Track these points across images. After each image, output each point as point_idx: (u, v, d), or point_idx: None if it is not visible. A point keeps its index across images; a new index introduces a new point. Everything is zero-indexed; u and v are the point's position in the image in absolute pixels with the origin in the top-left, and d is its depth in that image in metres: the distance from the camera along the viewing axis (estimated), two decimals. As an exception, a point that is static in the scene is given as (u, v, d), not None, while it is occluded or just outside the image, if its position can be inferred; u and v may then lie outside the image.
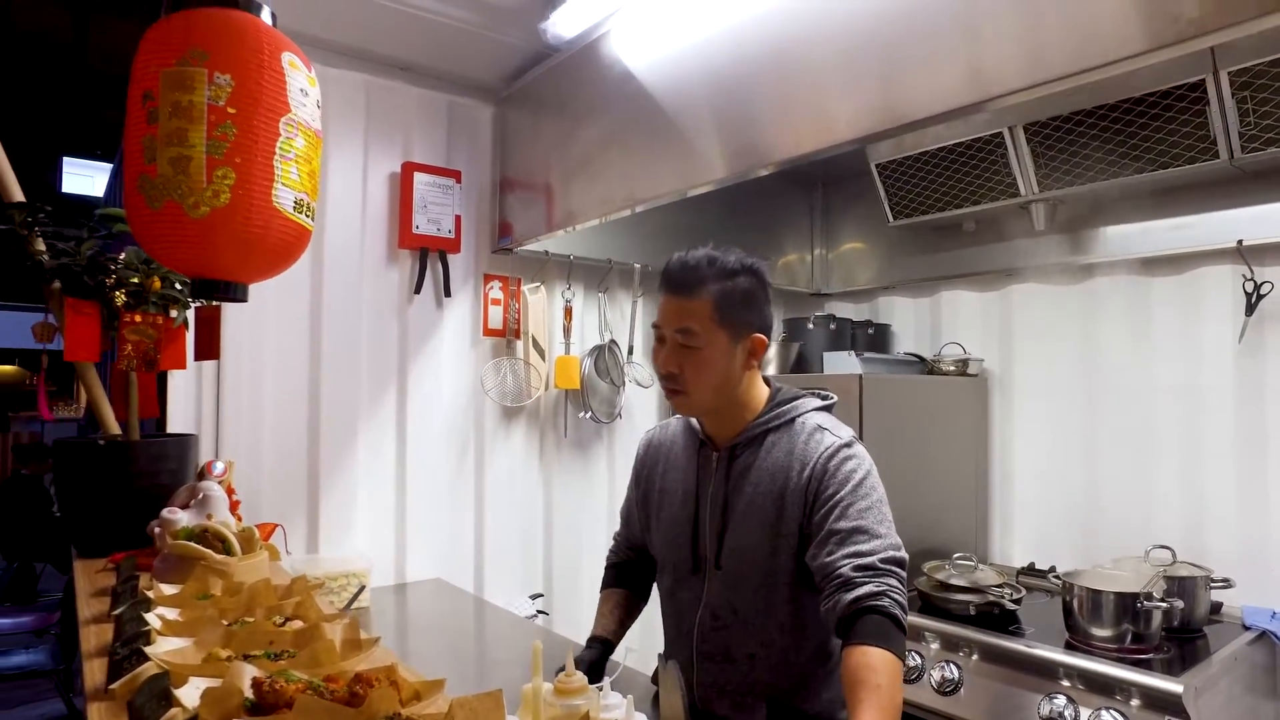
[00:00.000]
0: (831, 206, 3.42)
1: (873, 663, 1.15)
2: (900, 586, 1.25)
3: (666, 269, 1.40)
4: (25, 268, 1.66)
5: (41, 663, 3.51)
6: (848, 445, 1.36)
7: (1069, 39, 1.21)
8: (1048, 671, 1.84)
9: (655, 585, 1.62)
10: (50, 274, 1.63)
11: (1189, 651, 1.89)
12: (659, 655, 1.09)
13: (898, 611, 1.21)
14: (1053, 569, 2.43)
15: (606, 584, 1.68)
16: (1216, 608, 2.15)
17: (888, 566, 1.25)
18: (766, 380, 1.49)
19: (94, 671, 0.92)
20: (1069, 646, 1.89)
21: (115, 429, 1.75)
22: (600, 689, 0.98)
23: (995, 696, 1.92)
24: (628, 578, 1.67)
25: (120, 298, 1.62)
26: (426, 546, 2.56)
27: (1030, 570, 2.49)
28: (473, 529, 2.68)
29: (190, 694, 0.73)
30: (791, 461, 1.36)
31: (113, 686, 0.83)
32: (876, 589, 1.21)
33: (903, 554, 1.29)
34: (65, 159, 8.76)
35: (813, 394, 1.49)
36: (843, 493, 1.30)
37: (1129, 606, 1.85)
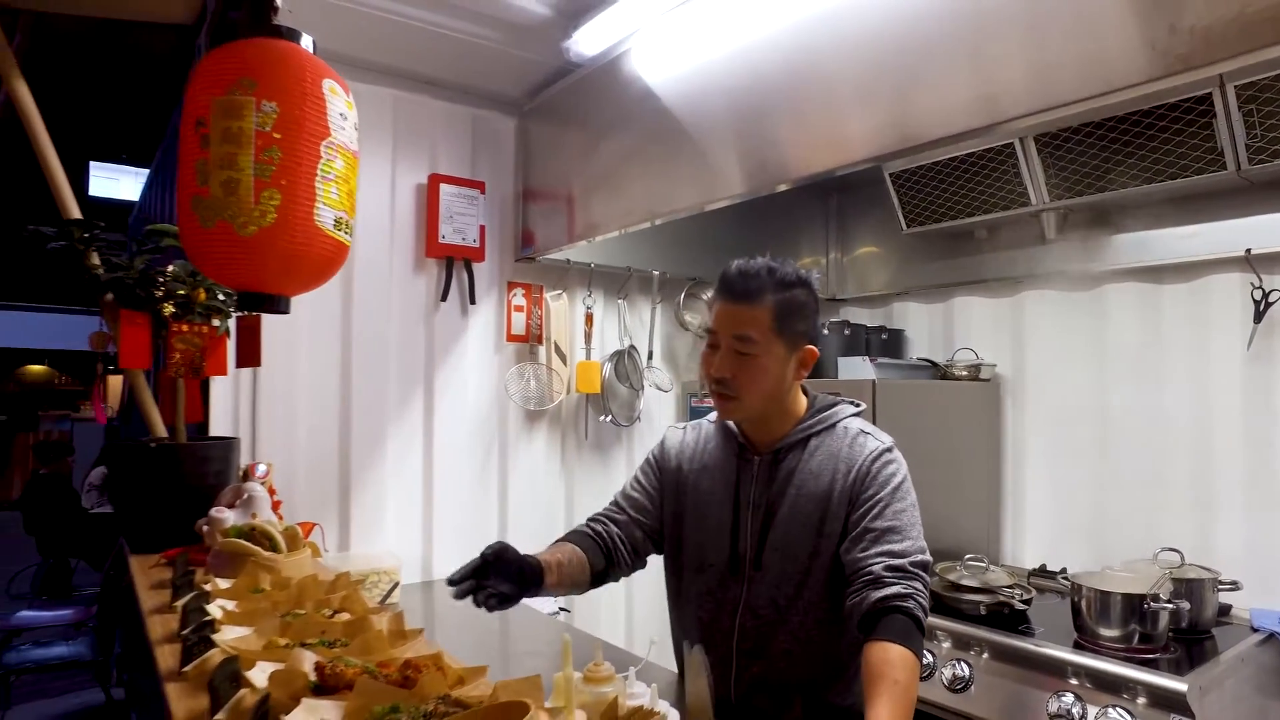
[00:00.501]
0: (846, 213, 3.47)
1: (893, 659, 1.21)
2: (925, 591, 1.31)
3: (725, 276, 1.43)
4: (80, 278, 1.76)
5: (81, 654, 3.63)
6: (889, 450, 1.43)
7: (1076, 65, 1.26)
8: (1056, 670, 1.88)
9: (673, 584, 1.63)
10: (105, 286, 1.72)
11: (1196, 652, 1.93)
12: (684, 642, 1.14)
13: (920, 614, 1.27)
14: (1063, 570, 2.47)
15: (569, 538, 1.54)
16: (1225, 610, 2.18)
17: (916, 570, 1.31)
18: (804, 390, 1.54)
19: (165, 656, 1.00)
20: (1077, 646, 1.94)
21: (163, 432, 1.84)
22: (626, 678, 1.06)
23: (1005, 694, 1.97)
24: (597, 549, 1.53)
25: (168, 309, 1.71)
26: (452, 545, 2.64)
27: (1041, 572, 2.54)
28: (496, 528, 2.77)
29: (258, 676, 0.81)
30: (837, 463, 1.42)
31: (185, 669, 0.92)
32: (904, 590, 1.28)
33: (929, 559, 1.36)
34: (92, 164, 8.97)
35: (845, 400, 1.55)
36: (883, 493, 1.37)
37: (1136, 607, 1.89)
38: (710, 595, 1.53)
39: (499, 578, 1.27)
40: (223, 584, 1.19)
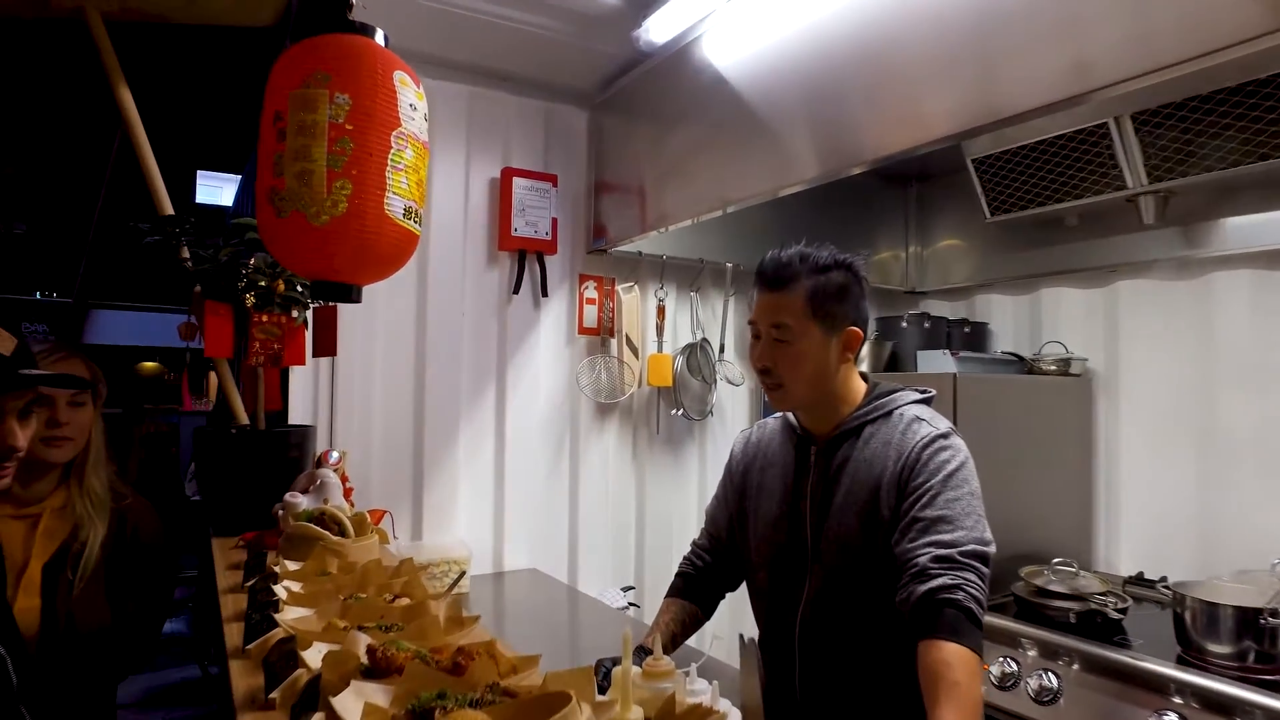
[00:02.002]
0: (926, 203, 3.35)
1: (948, 658, 1.14)
2: (979, 582, 1.22)
3: (760, 266, 1.42)
4: (175, 273, 1.84)
5: (180, 631, 3.83)
6: (944, 436, 1.36)
7: (1179, 23, 1.16)
8: (1158, 687, 1.76)
9: (746, 583, 1.62)
10: (193, 278, 1.79)
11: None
12: (739, 635, 1.09)
13: (973, 606, 1.18)
14: (1163, 579, 2.32)
15: (672, 592, 1.67)
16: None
17: (967, 560, 1.22)
18: (864, 376, 1.49)
19: (232, 634, 1.03)
20: (1181, 662, 1.80)
21: (245, 420, 1.90)
22: (687, 674, 1.03)
23: (1098, 709, 1.85)
24: (696, 589, 1.65)
25: (250, 300, 1.77)
26: (523, 537, 2.66)
27: (1139, 580, 2.39)
28: (567, 521, 2.78)
29: (313, 656, 0.81)
30: (888, 451, 1.36)
31: (249, 647, 0.93)
32: (952, 581, 1.19)
33: (988, 549, 1.26)
34: (200, 173, 9.50)
35: (911, 388, 1.49)
36: (933, 481, 1.30)
37: (1251, 622, 1.74)
38: (772, 591, 1.51)
39: None
40: (291, 566, 1.21)
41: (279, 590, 1.05)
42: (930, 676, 1.13)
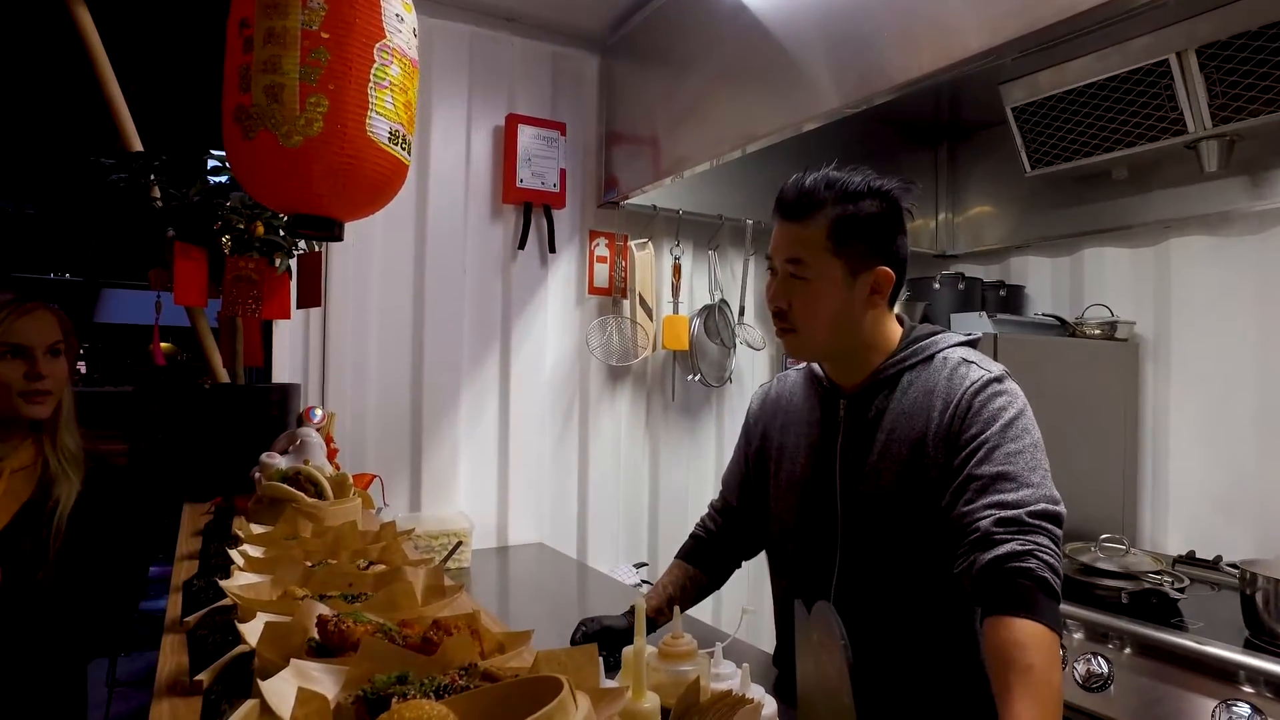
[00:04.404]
0: (958, 162, 3.15)
1: (1020, 639, 0.97)
2: (1053, 547, 1.04)
3: (781, 192, 1.25)
4: (144, 215, 1.68)
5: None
6: (998, 380, 1.18)
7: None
8: (1225, 674, 1.59)
9: (767, 555, 1.47)
10: (163, 219, 1.64)
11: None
12: (796, 601, 0.91)
13: (1048, 575, 1.01)
14: (1218, 558, 2.15)
15: (681, 554, 1.56)
16: None
17: (1037, 522, 1.05)
18: (900, 320, 1.32)
19: (174, 604, 0.88)
20: (1250, 647, 1.63)
21: (225, 377, 1.76)
22: (711, 655, 0.86)
23: (1155, 697, 1.69)
24: (705, 555, 1.54)
25: (226, 243, 1.62)
26: (529, 510, 2.51)
27: (1190, 559, 2.21)
28: (576, 493, 2.62)
29: (255, 629, 0.66)
30: (932, 400, 1.19)
31: (186, 620, 0.78)
32: (1021, 547, 1.02)
33: (1059, 508, 1.09)
34: (212, 151, 9.39)
35: (952, 332, 1.31)
36: (989, 432, 1.12)
37: (1330, 604, 1.58)
38: (796, 566, 1.34)
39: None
40: (257, 530, 1.06)
41: (234, 555, 0.89)
42: (1000, 659, 0.96)
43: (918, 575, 1.19)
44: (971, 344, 1.29)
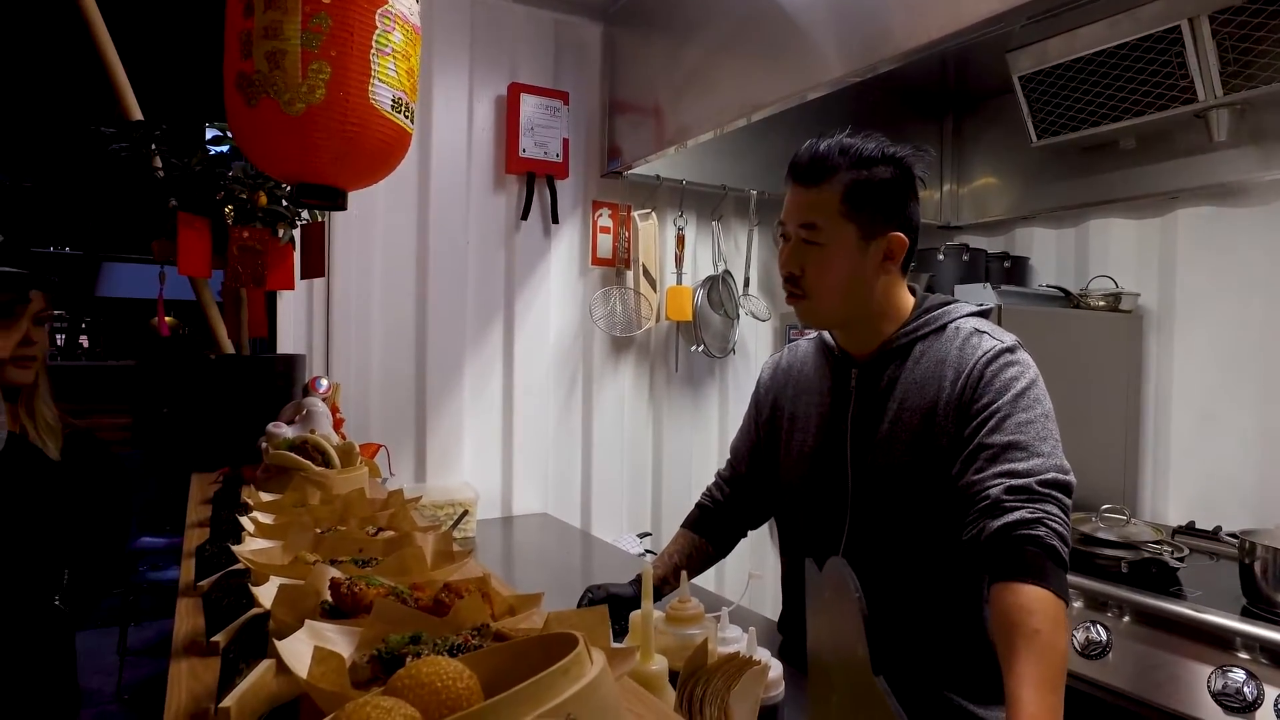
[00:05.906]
0: (964, 134, 3.13)
1: (1026, 603, 0.98)
2: (1062, 515, 1.05)
3: (795, 157, 1.24)
4: (147, 185, 1.67)
5: (189, 578, 3.75)
6: (1010, 350, 1.18)
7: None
8: (1222, 641, 1.61)
9: (776, 523, 1.49)
10: (166, 189, 1.63)
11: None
12: (808, 560, 0.92)
13: (1056, 543, 1.02)
14: (1218, 529, 2.16)
15: (686, 523, 1.57)
16: None
17: (1047, 491, 1.06)
18: (912, 289, 1.31)
19: (187, 570, 0.89)
20: (1247, 614, 1.65)
21: (229, 347, 1.76)
22: (718, 619, 0.88)
23: (1152, 664, 1.71)
24: (711, 524, 1.55)
25: (229, 213, 1.61)
26: (533, 480, 2.53)
27: (1190, 530, 2.23)
28: (580, 464, 2.64)
29: (268, 592, 0.67)
30: (944, 370, 1.19)
31: (200, 584, 0.79)
32: (1031, 515, 1.03)
33: (1069, 478, 1.10)
34: (210, 124, 9.30)
35: (964, 302, 1.31)
36: (1000, 401, 1.13)
37: (1328, 572, 1.59)
38: (804, 535, 1.35)
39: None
40: (266, 498, 1.07)
41: (244, 521, 0.90)
42: (1007, 625, 0.98)
43: (926, 544, 1.20)
44: (984, 314, 1.29)
